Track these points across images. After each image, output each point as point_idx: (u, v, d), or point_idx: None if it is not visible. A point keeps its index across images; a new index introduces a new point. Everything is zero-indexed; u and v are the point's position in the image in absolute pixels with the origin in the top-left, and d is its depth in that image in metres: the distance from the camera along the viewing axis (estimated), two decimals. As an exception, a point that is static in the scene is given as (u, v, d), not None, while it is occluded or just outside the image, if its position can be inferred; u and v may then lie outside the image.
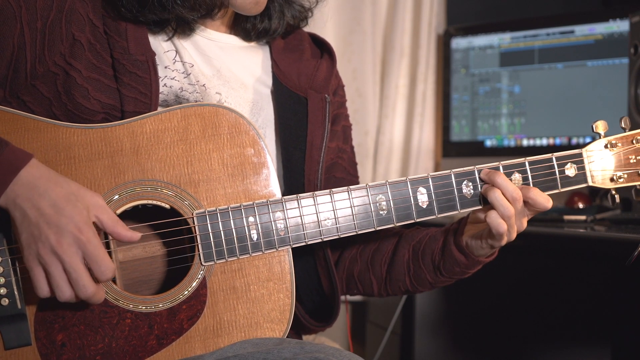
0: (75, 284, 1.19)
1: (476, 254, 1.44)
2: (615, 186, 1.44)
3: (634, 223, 1.90)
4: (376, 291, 1.56)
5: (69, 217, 1.18)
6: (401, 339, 2.47)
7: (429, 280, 1.51)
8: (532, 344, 2.48)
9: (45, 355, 1.27)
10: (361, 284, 1.56)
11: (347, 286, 1.58)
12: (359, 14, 2.87)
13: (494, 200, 1.36)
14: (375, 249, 1.54)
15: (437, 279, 1.50)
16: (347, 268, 1.56)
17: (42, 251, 1.17)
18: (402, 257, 1.51)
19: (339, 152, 1.60)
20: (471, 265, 1.46)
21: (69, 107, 1.32)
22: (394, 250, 1.53)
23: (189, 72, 1.41)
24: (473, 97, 2.72)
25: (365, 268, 1.55)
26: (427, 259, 1.49)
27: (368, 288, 1.56)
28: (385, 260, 1.53)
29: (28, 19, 1.31)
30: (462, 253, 1.44)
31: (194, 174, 1.31)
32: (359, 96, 2.86)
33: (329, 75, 1.53)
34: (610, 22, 2.43)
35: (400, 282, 1.53)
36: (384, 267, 1.53)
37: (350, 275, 1.56)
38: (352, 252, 1.56)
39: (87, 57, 1.34)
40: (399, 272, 1.52)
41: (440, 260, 1.47)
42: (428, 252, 1.49)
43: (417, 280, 1.52)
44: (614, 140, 1.44)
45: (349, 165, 1.63)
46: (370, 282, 1.55)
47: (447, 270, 1.47)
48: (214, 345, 1.31)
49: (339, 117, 1.60)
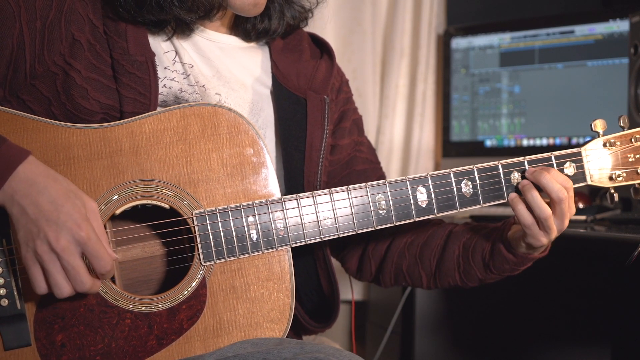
0: (73, 280, 1.19)
1: (520, 252, 1.44)
2: (614, 185, 1.44)
3: (634, 223, 1.90)
4: (425, 284, 1.58)
5: (67, 213, 1.18)
6: (401, 339, 2.47)
7: (479, 277, 1.52)
8: (532, 343, 2.48)
9: (45, 356, 1.27)
10: (410, 278, 1.57)
11: (396, 278, 1.59)
12: (359, 14, 2.87)
13: (530, 200, 1.37)
14: (424, 243, 1.55)
15: (487, 275, 1.51)
16: (396, 262, 1.57)
17: (40, 249, 1.17)
18: (453, 254, 1.52)
19: (356, 145, 1.61)
20: (520, 262, 1.46)
21: (68, 107, 1.32)
22: (444, 245, 1.53)
23: (189, 73, 1.41)
24: (473, 97, 2.72)
25: (415, 262, 1.55)
26: (478, 256, 1.49)
27: (417, 281, 1.57)
28: (435, 255, 1.54)
29: (27, 19, 1.31)
30: (510, 252, 1.45)
31: (193, 173, 1.31)
32: (359, 96, 2.86)
33: (328, 76, 1.53)
34: (610, 22, 2.43)
35: (450, 278, 1.54)
36: (434, 262, 1.54)
37: (399, 269, 1.57)
38: (400, 246, 1.57)
39: (87, 57, 1.33)
40: (449, 268, 1.52)
41: (490, 259, 1.48)
42: (478, 250, 1.49)
43: (467, 277, 1.52)
44: (612, 139, 1.44)
45: (370, 154, 1.64)
46: (419, 276, 1.56)
47: (497, 267, 1.48)
48: (213, 345, 1.31)
49: (347, 112, 1.60)
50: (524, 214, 1.37)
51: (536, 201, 1.37)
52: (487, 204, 1.41)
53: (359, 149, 1.61)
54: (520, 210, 1.38)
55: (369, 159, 1.63)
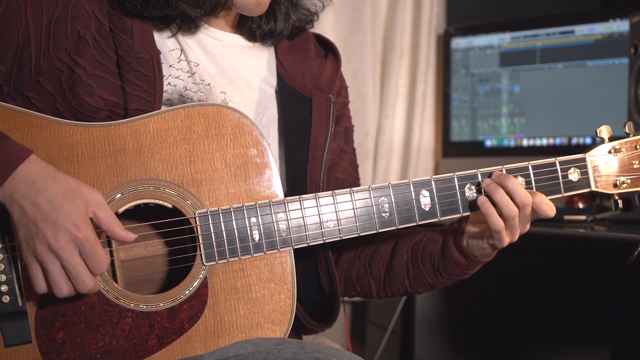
0: (75, 280, 1.19)
1: (476, 254, 1.44)
2: (619, 191, 1.44)
3: (634, 223, 1.90)
4: (375, 293, 1.56)
5: (66, 214, 1.18)
6: (401, 339, 2.47)
7: (429, 282, 1.51)
8: (532, 343, 2.48)
9: (45, 353, 1.27)
10: (359, 286, 1.56)
11: (346, 288, 1.58)
12: (359, 14, 2.87)
13: (499, 199, 1.36)
14: (373, 251, 1.54)
15: (436, 280, 1.50)
16: (345, 270, 1.56)
17: (39, 248, 1.17)
18: (401, 259, 1.51)
19: (340, 153, 1.60)
20: (471, 266, 1.46)
21: (73, 103, 1.32)
22: (392, 251, 1.52)
23: (194, 72, 1.41)
24: (473, 97, 2.72)
25: (364, 270, 1.55)
26: (427, 260, 1.49)
27: (366, 290, 1.56)
28: (384, 262, 1.53)
29: (33, 15, 1.31)
30: (461, 254, 1.44)
31: (196, 173, 1.31)
32: (359, 96, 2.86)
33: (334, 76, 1.53)
34: (610, 22, 2.43)
35: (399, 284, 1.53)
36: (382, 269, 1.53)
37: (349, 277, 1.56)
38: (350, 254, 1.56)
39: (92, 54, 1.34)
40: (398, 274, 1.52)
41: (440, 262, 1.47)
42: (427, 254, 1.49)
43: (417, 282, 1.51)
44: (617, 145, 1.44)
45: (350, 166, 1.62)
46: (368, 284, 1.55)
47: (447, 271, 1.47)
48: (214, 345, 1.31)
49: (341, 117, 1.60)
50: (495, 219, 1.36)
51: (504, 200, 1.36)
52: None
53: (342, 157, 1.61)
54: (492, 214, 1.36)
55: (348, 170, 1.62)
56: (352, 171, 1.63)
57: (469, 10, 3.03)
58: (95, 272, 1.20)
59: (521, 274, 2.44)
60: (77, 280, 1.19)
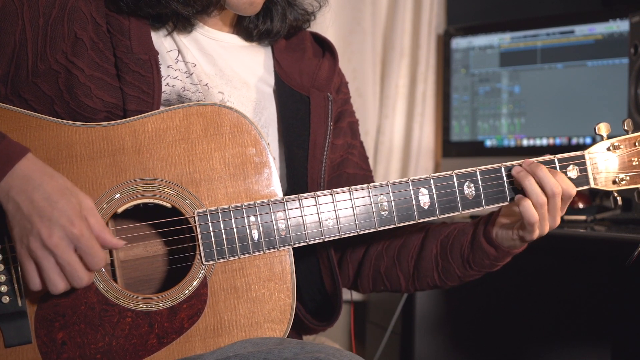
0: (70, 276, 1.19)
1: (505, 246, 1.44)
2: (618, 188, 1.44)
3: (634, 223, 1.90)
4: (404, 287, 1.56)
5: (61, 210, 1.18)
6: (401, 339, 2.47)
7: (458, 275, 1.51)
8: (532, 343, 2.48)
9: (45, 354, 1.27)
10: (388, 280, 1.56)
11: (374, 283, 1.58)
12: (359, 14, 2.87)
13: (528, 186, 1.36)
14: (402, 245, 1.54)
15: (466, 272, 1.50)
16: (374, 264, 1.56)
17: (33, 245, 1.17)
18: (430, 252, 1.51)
19: (349, 148, 1.60)
20: (500, 257, 1.46)
21: (71, 105, 1.32)
22: (421, 245, 1.52)
23: (192, 72, 1.41)
24: (473, 97, 2.72)
25: (392, 264, 1.54)
26: (456, 253, 1.48)
27: (395, 284, 1.56)
28: (413, 255, 1.53)
29: (30, 16, 1.31)
30: (491, 245, 1.44)
31: (195, 173, 1.31)
32: (359, 96, 2.86)
33: (331, 74, 1.53)
34: (610, 22, 2.43)
35: (428, 278, 1.53)
36: (412, 262, 1.53)
37: (377, 272, 1.56)
38: (378, 249, 1.56)
39: (90, 56, 1.34)
40: (427, 268, 1.51)
41: (470, 254, 1.47)
42: (457, 246, 1.48)
43: (446, 275, 1.51)
44: (616, 142, 1.44)
45: (361, 160, 1.63)
46: (397, 278, 1.55)
47: (476, 263, 1.47)
48: (214, 344, 1.31)
49: (343, 113, 1.60)
50: (532, 212, 1.37)
51: (533, 187, 1.36)
52: (490, 207, 1.41)
53: (351, 152, 1.61)
54: (528, 208, 1.37)
55: (359, 164, 1.62)
56: (363, 164, 1.63)
57: (469, 10, 3.03)
58: (92, 268, 1.20)
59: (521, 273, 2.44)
60: (72, 276, 1.19)
